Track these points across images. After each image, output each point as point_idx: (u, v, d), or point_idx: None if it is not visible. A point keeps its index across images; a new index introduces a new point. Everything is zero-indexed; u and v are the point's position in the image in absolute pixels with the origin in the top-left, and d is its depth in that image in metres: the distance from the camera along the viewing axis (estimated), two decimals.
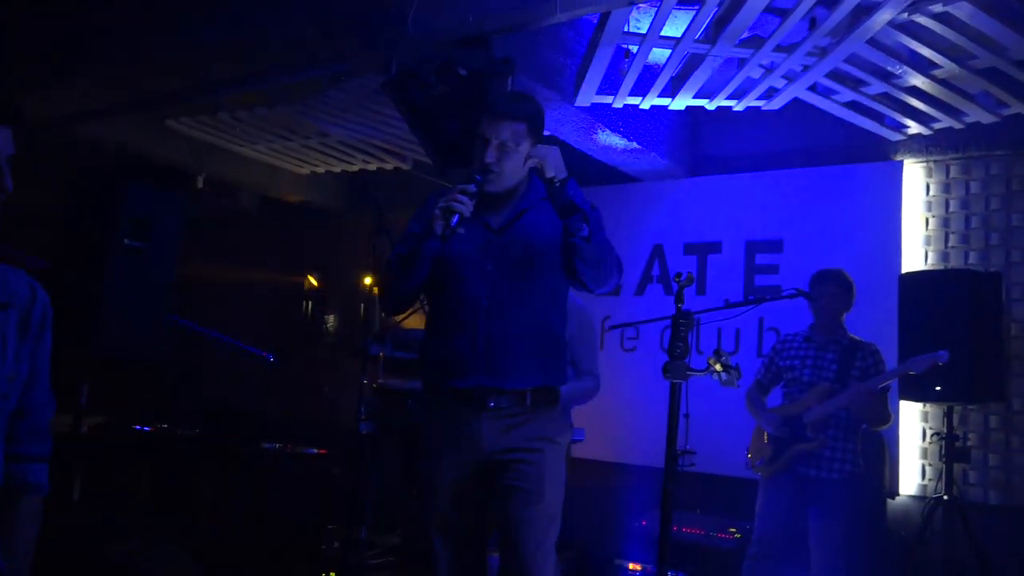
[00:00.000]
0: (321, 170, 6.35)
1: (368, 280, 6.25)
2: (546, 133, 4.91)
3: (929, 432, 4.64)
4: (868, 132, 4.70)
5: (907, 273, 4.54)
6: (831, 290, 3.91)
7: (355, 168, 6.16)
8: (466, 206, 2.32)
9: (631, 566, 4.57)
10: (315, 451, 5.01)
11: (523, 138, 2.46)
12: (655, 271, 5.67)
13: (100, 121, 5.37)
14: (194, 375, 6.99)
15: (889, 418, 3.91)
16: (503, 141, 2.43)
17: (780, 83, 4.20)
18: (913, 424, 4.70)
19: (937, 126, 4.53)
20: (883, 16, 3.39)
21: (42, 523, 1.86)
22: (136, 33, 4.59)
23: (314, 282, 7.14)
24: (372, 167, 6.07)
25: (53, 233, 4.17)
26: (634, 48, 4.01)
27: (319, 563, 4.70)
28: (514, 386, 2.40)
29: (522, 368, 2.41)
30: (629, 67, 4.14)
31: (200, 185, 6.32)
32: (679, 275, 2.81)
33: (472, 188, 2.36)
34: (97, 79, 5.11)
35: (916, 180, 4.91)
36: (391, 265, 2.49)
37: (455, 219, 2.30)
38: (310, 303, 7.19)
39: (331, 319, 7.06)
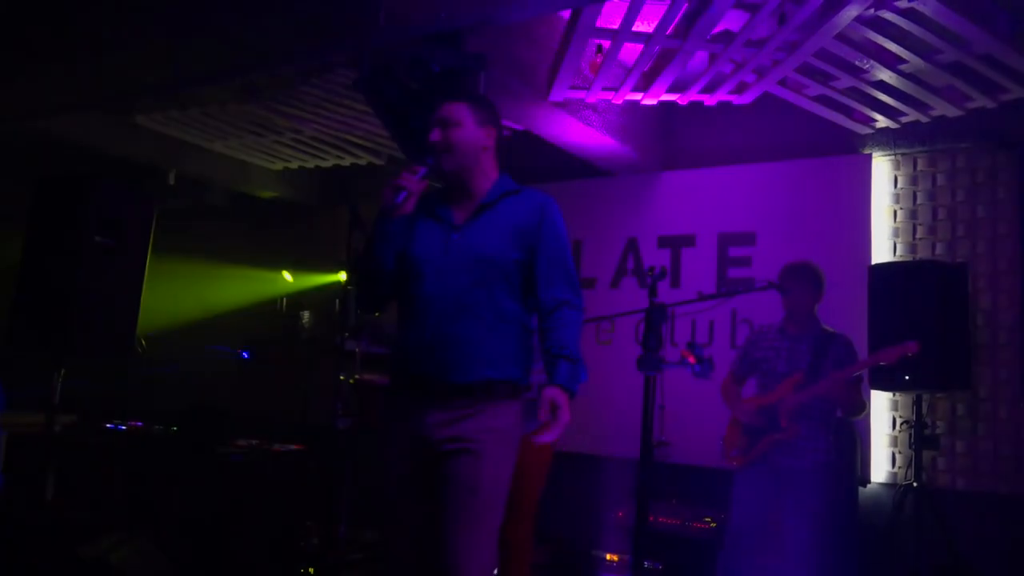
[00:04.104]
0: (294, 166, 6.33)
1: (343, 276, 6.22)
2: (519, 128, 4.94)
3: (899, 420, 4.72)
4: (837, 126, 4.77)
5: (876, 264, 4.61)
6: (800, 283, 3.95)
7: (328, 164, 6.14)
8: (412, 183, 2.41)
9: (608, 557, 4.61)
10: (291, 448, 4.99)
11: (466, 115, 2.53)
12: (629, 264, 5.71)
13: (68, 117, 5.31)
14: (167, 371, 6.93)
15: (865, 406, 3.97)
16: (443, 117, 2.52)
17: (751, 78, 4.24)
18: (883, 413, 4.78)
19: (904, 120, 4.61)
20: (851, 12, 3.44)
21: (14, 522, 1.83)
22: (104, 27, 4.54)
23: (288, 278, 7.10)
24: (346, 163, 6.06)
25: (22, 231, 4.12)
26: (606, 43, 4.03)
27: (297, 560, 4.69)
28: (461, 379, 2.40)
29: (471, 362, 2.40)
30: (602, 62, 4.16)
31: (171, 181, 6.26)
32: (652, 268, 2.84)
33: (421, 169, 2.44)
34: (64, 74, 5.04)
35: (884, 173, 4.99)
36: (358, 263, 2.54)
37: (401, 195, 2.39)
38: (285, 299, 7.15)
39: (306, 315, 7.03)
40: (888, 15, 3.55)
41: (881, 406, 4.77)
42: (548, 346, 2.46)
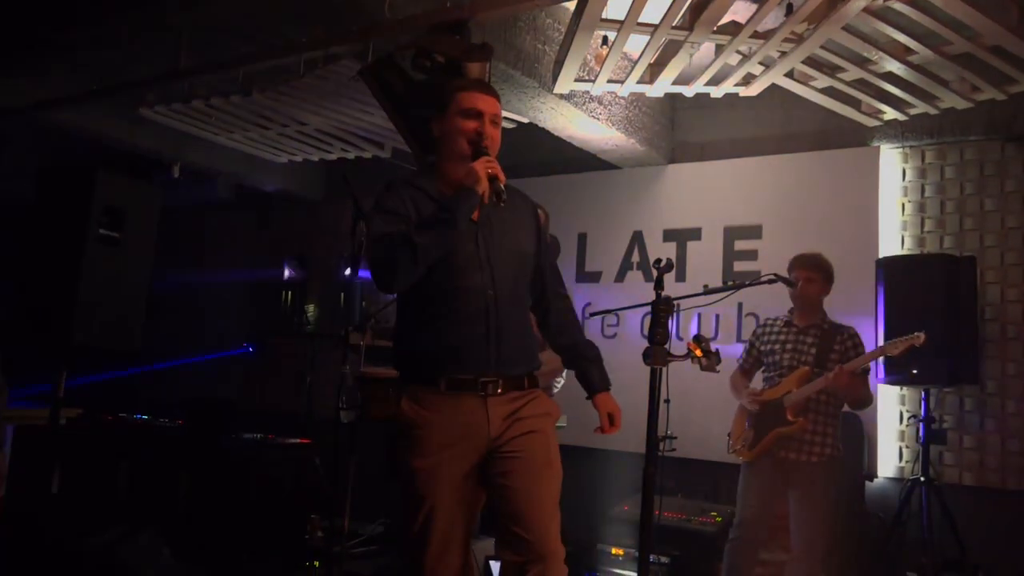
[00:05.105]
0: (299, 158, 6.30)
1: (348, 269, 6.21)
2: (524, 120, 4.92)
3: (906, 415, 4.70)
4: (845, 118, 4.72)
5: (884, 257, 4.59)
6: (807, 275, 3.93)
7: (333, 156, 6.12)
8: (503, 174, 2.39)
9: (613, 551, 4.60)
10: (296, 441, 4.99)
11: (501, 113, 2.56)
12: (635, 258, 5.68)
13: (73, 110, 5.30)
14: (173, 366, 6.94)
15: (870, 399, 3.95)
16: (496, 115, 2.49)
17: (757, 69, 4.21)
18: (891, 407, 4.76)
19: (912, 112, 4.56)
20: (858, 2, 3.40)
21: (20, 515, 1.82)
22: (107, 18, 4.53)
23: (293, 272, 7.10)
24: (350, 155, 6.03)
25: (26, 223, 4.11)
26: (612, 35, 3.99)
27: (302, 553, 4.69)
28: (518, 371, 2.46)
29: (520, 355, 2.47)
30: (607, 54, 4.13)
31: (176, 174, 6.25)
32: (658, 261, 2.82)
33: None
34: (68, 66, 5.03)
35: (892, 165, 4.96)
36: (400, 246, 2.33)
37: (502, 187, 2.36)
38: (289, 293, 7.15)
39: (311, 308, 7.03)
40: (897, 5, 3.51)
41: (889, 400, 4.75)
42: (578, 346, 2.67)
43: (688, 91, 4.46)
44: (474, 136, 2.41)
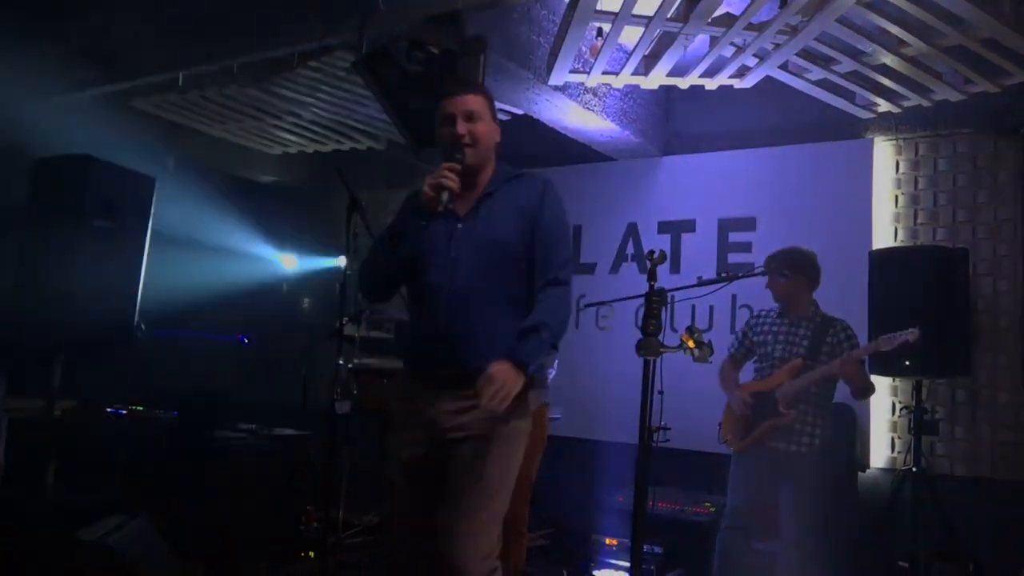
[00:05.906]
0: (293, 150, 6.30)
1: (343, 261, 6.22)
2: (519, 112, 4.92)
3: (898, 406, 4.72)
4: (839, 110, 4.73)
5: (877, 250, 4.60)
6: (780, 271, 3.93)
7: (328, 148, 6.11)
8: (455, 183, 2.39)
9: (608, 541, 4.63)
10: (291, 432, 5.00)
11: (484, 108, 2.55)
12: (629, 249, 5.70)
13: (67, 101, 5.28)
14: (168, 357, 6.93)
15: (873, 389, 3.96)
16: (469, 110, 2.50)
17: (752, 61, 4.21)
18: (883, 398, 4.78)
19: (906, 104, 4.57)
20: None
21: (15, 506, 1.83)
22: (101, 11, 4.51)
23: (290, 263, 7.09)
24: (345, 147, 6.03)
25: (21, 215, 4.11)
26: (606, 26, 4.00)
27: (297, 544, 4.70)
28: (476, 367, 2.35)
29: (483, 352, 2.37)
30: (602, 46, 4.13)
31: (171, 165, 6.23)
32: (652, 252, 2.83)
33: (457, 165, 2.42)
34: (63, 59, 5.01)
35: (886, 158, 4.98)
36: (369, 259, 2.61)
37: (446, 196, 2.38)
38: (285, 284, 7.14)
39: (306, 300, 7.02)
40: None
41: (881, 392, 4.76)
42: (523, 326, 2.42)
43: (683, 83, 4.46)
44: (449, 141, 2.49)
